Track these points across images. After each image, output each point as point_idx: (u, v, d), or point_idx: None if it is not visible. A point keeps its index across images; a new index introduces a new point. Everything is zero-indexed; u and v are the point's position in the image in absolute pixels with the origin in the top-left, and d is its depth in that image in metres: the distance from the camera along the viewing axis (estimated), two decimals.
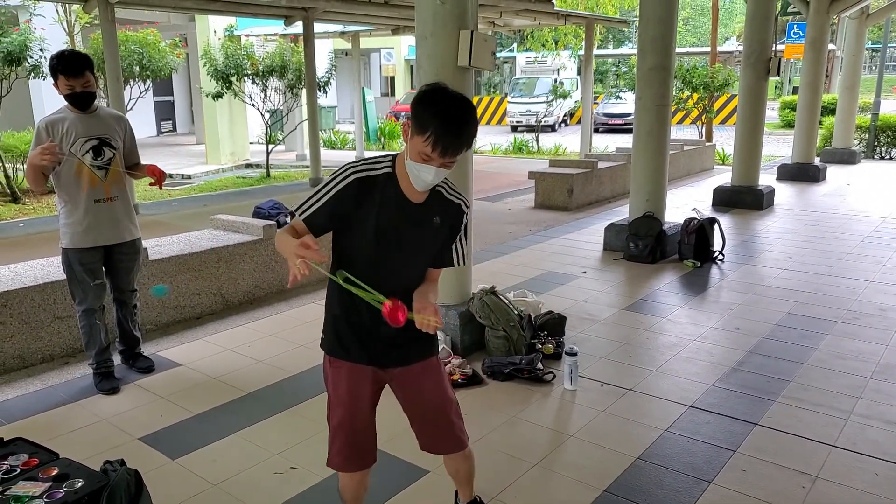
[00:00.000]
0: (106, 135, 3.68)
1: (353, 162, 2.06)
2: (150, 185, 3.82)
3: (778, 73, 8.88)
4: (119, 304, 4.04)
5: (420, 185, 2.00)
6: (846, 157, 13.30)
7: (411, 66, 28.29)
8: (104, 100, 9.59)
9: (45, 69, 10.01)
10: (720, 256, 6.52)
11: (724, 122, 23.17)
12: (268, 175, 13.60)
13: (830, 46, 18.05)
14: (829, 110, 15.96)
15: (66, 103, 3.65)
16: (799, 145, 11.58)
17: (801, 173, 11.39)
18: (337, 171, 2.05)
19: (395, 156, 2.08)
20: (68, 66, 3.52)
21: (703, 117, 15.88)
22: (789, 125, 20.27)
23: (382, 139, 19.65)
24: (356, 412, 2.22)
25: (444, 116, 1.89)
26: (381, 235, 2.04)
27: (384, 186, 2.03)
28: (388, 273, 2.09)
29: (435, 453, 2.40)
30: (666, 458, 3.10)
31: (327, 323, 2.21)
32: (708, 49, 20.37)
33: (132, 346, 4.15)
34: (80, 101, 3.60)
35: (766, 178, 10.28)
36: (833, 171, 12.12)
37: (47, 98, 14.62)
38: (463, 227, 2.20)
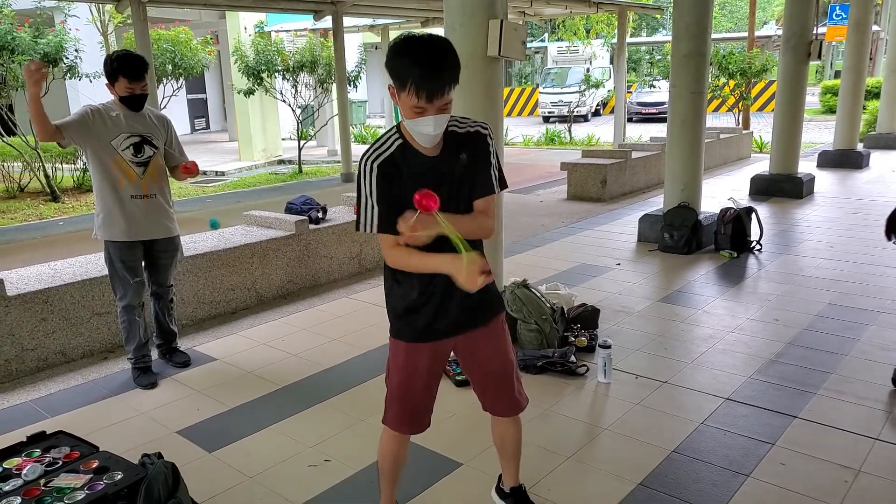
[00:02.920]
0: (149, 133, 3.75)
1: (364, 153, 2.05)
2: (183, 179, 3.99)
3: (819, 57, 8.63)
4: (156, 298, 4.10)
5: (425, 140, 1.99)
6: (891, 143, 12.91)
7: None
8: None
9: (81, 70, 10.33)
10: (758, 246, 6.39)
11: (761, 108, 22.70)
12: (300, 171, 13.71)
13: (874, 28, 17.50)
14: (874, 94, 15.53)
15: (112, 98, 3.72)
16: (841, 131, 11.27)
17: (844, 160, 11.09)
18: (358, 172, 2.05)
19: (398, 125, 2.08)
20: (131, 69, 3.60)
21: (740, 104, 15.57)
22: (831, 111, 19.77)
23: None
24: (412, 381, 2.26)
25: (419, 60, 1.87)
26: None
27: (402, 157, 2.03)
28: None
29: (496, 415, 2.42)
30: (702, 451, 3.04)
31: (388, 307, 2.24)
32: (745, 34, 19.97)
33: (169, 341, 4.22)
34: (137, 102, 3.69)
35: (806, 166, 10.04)
36: (877, 157, 11.78)
37: (84, 98, 14.93)
38: (492, 150, 2.14)
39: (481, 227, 2.13)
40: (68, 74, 10.23)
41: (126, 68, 3.59)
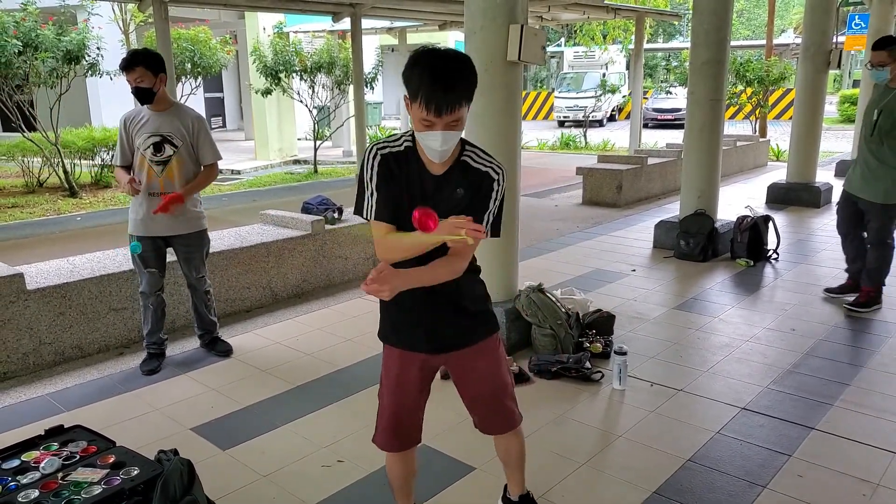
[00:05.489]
0: (169, 132, 3.86)
1: (375, 141, 2.05)
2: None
3: (839, 66, 8.56)
4: (191, 290, 4.25)
5: (432, 154, 1.94)
6: None
7: None
8: None
9: (102, 67, 10.43)
10: (774, 255, 6.34)
11: (778, 116, 22.56)
12: (315, 171, 13.76)
13: None
14: None
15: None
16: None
17: None
18: (364, 157, 2.03)
19: (413, 131, 2.05)
20: (124, 62, 3.77)
21: (758, 112, 15.48)
22: (849, 120, 19.64)
23: None
24: (401, 395, 2.26)
25: (431, 73, 1.83)
26: (408, 210, 2.02)
27: (407, 161, 2.01)
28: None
29: (486, 433, 2.38)
30: (718, 460, 3.02)
31: (381, 311, 2.25)
32: (763, 42, 19.86)
33: (210, 331, 4.34)
34: (142, 95, 3.81)
35: (824, 175, 9.95)
36: None
37: (104, 95, 15.09)
38: (495, 196, 2.02)
39: (451, 271, 2.01)
40: (89, 72, 10.33)
41: (122, 62, 3.77)
